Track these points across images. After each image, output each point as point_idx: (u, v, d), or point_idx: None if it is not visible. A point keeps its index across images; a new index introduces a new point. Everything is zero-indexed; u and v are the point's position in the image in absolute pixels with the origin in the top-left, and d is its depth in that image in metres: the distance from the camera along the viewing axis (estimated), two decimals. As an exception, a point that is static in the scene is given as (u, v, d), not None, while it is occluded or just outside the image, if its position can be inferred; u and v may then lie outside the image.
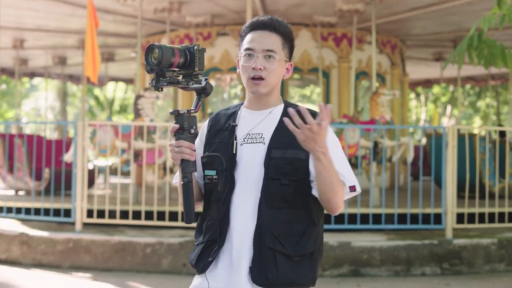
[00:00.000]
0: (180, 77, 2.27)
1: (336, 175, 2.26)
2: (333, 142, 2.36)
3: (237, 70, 2.46)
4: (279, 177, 2.30)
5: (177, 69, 2.25)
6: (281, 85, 2.47)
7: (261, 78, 2.36)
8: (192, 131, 2.26)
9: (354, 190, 2.34)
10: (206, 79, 2.29)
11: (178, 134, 2.26)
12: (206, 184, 2.41)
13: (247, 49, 2.38)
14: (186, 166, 2.27)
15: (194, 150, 2.27)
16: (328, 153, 2.19)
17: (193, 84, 2.26)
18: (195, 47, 2.23)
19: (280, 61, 2.38)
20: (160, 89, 2.27)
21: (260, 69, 2.35)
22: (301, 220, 2.32)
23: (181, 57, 2.22)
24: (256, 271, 2.27)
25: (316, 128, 2.10)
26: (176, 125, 2.26)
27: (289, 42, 2.43)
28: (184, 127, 2.25)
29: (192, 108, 2.29)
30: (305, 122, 2.12)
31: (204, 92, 2.31)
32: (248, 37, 2.41)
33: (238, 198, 2.33)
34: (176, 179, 2.46)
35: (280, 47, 2.39)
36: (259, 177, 2.32)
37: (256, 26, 2.41)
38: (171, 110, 2.28)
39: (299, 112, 2.14)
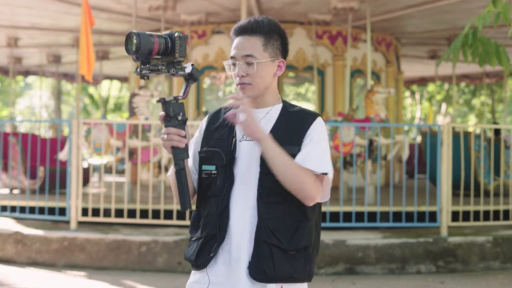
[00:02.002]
0: (163, 65, 2.25)
1: (291, 163, 2.27)
2: (318, 132, 2.38)
3: (230, 73, 2.49)
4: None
5: (159, 56, 2.22)
6: (277, 82, 2.47)
7: (245, 84, 2.37)
8: (180, 117, 2.25)
9: (326, 174, 2.33)
10: (192, 64, 2.28)
11: (166, 121, 2.26)
12: (203, 179, 2.42)
13: (231, 57, 2.41)
14: (177, 153, 2.27)
15: (184, 136, 2.26)
16: (269, 138, 2.25)
17: (174, 71, 2.23)
18: (175, 34, 2.21)
19: (264, 64, 2.37)
20: (145, 78, 2.26)
21: (243, 76, 2.37)
22: (294, 215, 2.34)
23: (161, 44, 2.19)
24: (254, 266, 2.30)
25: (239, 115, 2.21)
26: (162, 112, 2.26)
27: (274, 40, 2.41)
28: (170, 114, 2.25)
29: (180, 95, 2.28)
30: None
31: (191, 78, 2.29)
32: (233, 44, 2.43)
33: (236, 193, 2.35)
34: (170, 173, 2.47)
35: (260, 49, 2.37)
36: (256, 173, 2.34)
37: (236, 32, 2.43)
38: (157, 98, 2.28)
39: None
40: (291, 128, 2.37)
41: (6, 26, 13.71)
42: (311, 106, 19.89)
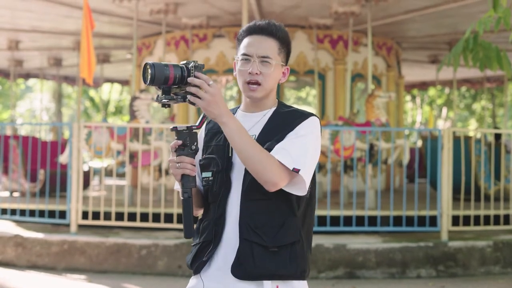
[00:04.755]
0: (181, 93, 2.24)
1: (254, 146, 2.22)
2: (305, 128, 2.33)
3: (234, 73, 2.46)
4: None
5: (177, 85, 2.21)
6: (276, 87, 2.47)
7: (257, 83, 2.36)
8: (194, 147, 2.27)
9: (297, 172, 2.25)
10: None
11: (179, 150, 2.27)
12: (204, 186, 2.43)
13: (244, 54, 2.38)
14: (187, 181, 2.28)
15: (195, 165, 2.28)
16: (233, 117, 2.20)
17: (189, 100, 2.21)
18: (191, 64, 2.22)
19: (276, 66, 2.38)
20: (166, 106, 2.25)
21: (256, 73, 2.35)
22: (280, 212, 2.31)
23: (176, 73, 2.19)
24: (235, 264, 2.29)
25: (208, 88, 2.14)
26: (178, 141, 2.26)
27: (285, 47, 2.43)
28: (186, 144, 2.27)
29: (195, 124, 2.30)
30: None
31: None
32: (245, 41, 2.40)
33: (233, 199, 2.34)
34: (178, 186, 2.47)
35: (276, 52, 2.38)
36: None
37: (253, 30, 2.41)
38: (171, 127, 2.28)
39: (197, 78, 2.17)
40: (279, 127, 2.35)
41: (7, 29, 13.73)
42: (312, 110, 19.89)
